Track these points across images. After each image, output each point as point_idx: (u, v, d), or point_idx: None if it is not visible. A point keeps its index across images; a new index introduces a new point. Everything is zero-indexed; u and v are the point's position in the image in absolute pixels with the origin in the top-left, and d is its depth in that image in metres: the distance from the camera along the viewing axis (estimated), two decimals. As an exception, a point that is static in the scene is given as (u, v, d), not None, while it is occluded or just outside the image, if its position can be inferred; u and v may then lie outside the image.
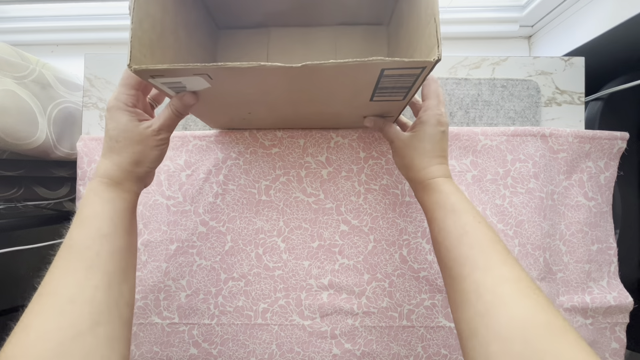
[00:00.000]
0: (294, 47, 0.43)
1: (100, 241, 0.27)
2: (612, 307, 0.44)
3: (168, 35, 0.31)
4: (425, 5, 0.27)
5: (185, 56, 0.34)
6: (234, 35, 0.43)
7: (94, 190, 0.30)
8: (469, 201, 0.31)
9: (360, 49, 0.43)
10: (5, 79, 0.44)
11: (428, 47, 0.26)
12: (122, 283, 0.28)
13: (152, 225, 0.45)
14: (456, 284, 0.27)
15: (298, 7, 0.38)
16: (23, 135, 0.45)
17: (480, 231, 0.28)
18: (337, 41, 0.43)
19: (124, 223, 0.30)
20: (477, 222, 0.29)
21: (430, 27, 0.25)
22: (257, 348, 0.44)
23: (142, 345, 0.44)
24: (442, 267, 0.30)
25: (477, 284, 0.25)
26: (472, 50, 0.66)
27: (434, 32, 0.24)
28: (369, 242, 0.44)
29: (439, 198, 0.32)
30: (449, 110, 0.47)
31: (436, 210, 0.32)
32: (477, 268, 0.26)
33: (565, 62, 0.47)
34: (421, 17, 0.28)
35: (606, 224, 0.45)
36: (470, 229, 0.29)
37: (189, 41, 0.35)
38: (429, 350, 0.43)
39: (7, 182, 0.54)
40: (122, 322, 0.26)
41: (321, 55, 0.43)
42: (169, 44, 0.31)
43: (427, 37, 0.26)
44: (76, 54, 0.66)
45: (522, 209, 0.44)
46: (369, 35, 0.43)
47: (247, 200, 0.45)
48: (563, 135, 0.44)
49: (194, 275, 0.45)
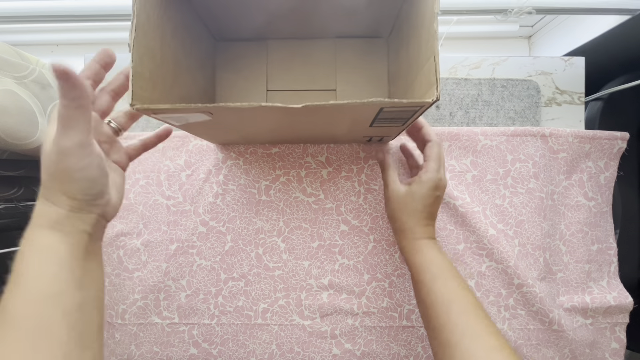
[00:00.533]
0: (293, 60, 0.43)
1: (43, 305, 0.21)
2: (612, 307, 0.44)
3: (168, 62, 0.31)
4: (426, 35, 0.27)
5: (185, 77, 0.34)
6: (233, 48, 0.43)
7: (28, 239, 0.23)
8: (452, 266, 0.34)
9: (360, 62, 0.43)
10: (5, 79, 0.44)
11: (428, 82, 0.26)
12: (83, 351, 0.22)
13: (152, 225, 0.45)
14: (446, 350, 0.29)
15: (296, 20, 0.38)
16: (23, 135, 0.45)
17: (466, 298, 0.31)
18: (337, 54, 0.43)
19: (75, 275, 0.23)
20: (462, 288, 0.31)
21: (429, 63, 0.26)
22: (257, 348, 0.44)
23: (142, 345, 0.44)
24: (429, 329, 0.32)
25: (468, 353, 0.27)
26: (472, 50, 0.66)
27: (433, 71, 0.25)
28: (369, 242, 0.44)
29: (424, 261, 0.34)
30: (449, 111, 0.47)
31: (421, 273, 0.34)
32: (465, 336, 0.28)
33: (565, 62, 0.47)
34: (421, 43, 0.28)
35: (606, 224, 0.45)
36: (457, 297, 0.31)
37: (188, 61, 0.35)
38: (429, 350, 0.43)
39: (7, 182, 0.54)
40: None
41: (321, 68, 0.43)
42: (168, 70, 0.31)
43: (426, 70, 0.27)
44: (76, 54, 0.67)
45: (522, 209, 0.44)
46: (368, 47, 0.43)
47: (247, 200, 0.45)
48: (563, 135, 0.44)
49: (194, 275, 0.44)
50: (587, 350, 0.43)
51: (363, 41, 0.42)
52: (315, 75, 0.43)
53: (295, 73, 0.43)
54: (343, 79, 0.43)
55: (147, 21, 0.27)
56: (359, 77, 0.43)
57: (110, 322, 0.45)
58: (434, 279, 0.32)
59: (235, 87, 0.43)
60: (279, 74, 0.43)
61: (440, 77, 0.47)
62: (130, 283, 0.44)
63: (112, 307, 0.45)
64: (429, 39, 0.26)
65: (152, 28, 0.28)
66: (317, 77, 0.43)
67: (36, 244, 0.23)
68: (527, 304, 0.43)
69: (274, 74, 0.43)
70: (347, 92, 0.43)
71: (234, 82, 0.43)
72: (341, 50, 0.43)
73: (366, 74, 0.43)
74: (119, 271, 0.44)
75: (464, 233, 0.44)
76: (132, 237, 0.45)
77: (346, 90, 0.43)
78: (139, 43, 0.26)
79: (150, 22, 0.27)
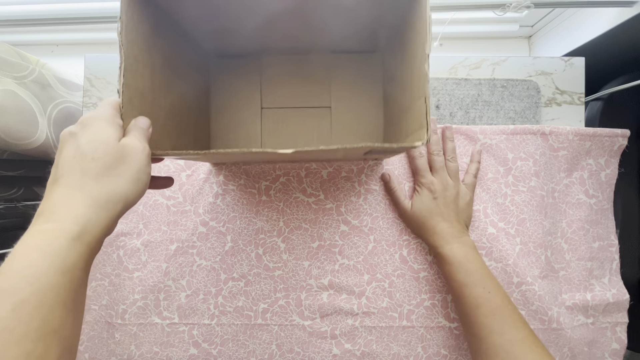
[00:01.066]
0: (287, 76, 0.43)
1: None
2: (611, 304, 0.44)
3: (159, 95, 0.30)
4: (417, 73, 0.27)
5: (177, 105, 0.34)
6: (226, 64, 0.43)
7: (38, 238, 0.19)
8: (477, 269, 0.37)
9: (354, 78, 0.43)
10: (6, 79, 0.44)
11: (419, 122, 0.26)
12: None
13: (152, 225, 0.45)
14: (476, 342, 0.35)
15: (290, 35, 0.37)
16: (23, 135, 0.45)
17: (491, 302, 0.35)
18: (331, 69, 0.42)
19: (76, 297, 0.19)
20: (487, 292, 0.35)
21: (420, 103, 0.26)
22: (257, 348, 0.44)
23: (142, 345, 0.44)
24: (462, 322, 0.38)
25: (494, 345, 0.33)
26: (472, 50, 0.66)
27: (424, 112, 0.25)
28: (369, 242, 0.44)
29: (450, 270, 0.38)
30: (449, 111, 0.47)
31: (449, 282, 0.38)
32: (492, 333, 0.34)
33: (565, 62, 0.47)
34: (414, 81, 0.28)
35: (607, 221, 0.45)
36: (483, 301, 0.35)
37: (180, 86, 0.35)
38: (429, 350, 0.43)
39: (7, 182, 0.54)
40: None
41: (315, 84, 0.43)
42: (160, 105, 0.31)
43: (418, 108, 0.27)
44: (76, 54, 0.67)
45: (523, 207, 0.44)
46: (363, 62, 0.42)
47: (247, 200, 0.45)
48: (563, 133, 0.44)
49: (194, 275, 0.44)
50: (585, 348, 0.43)
51: (357, 56, 0.42)
52: (310, 91, 0.43)
53: (290, 89, 0.43)
54: (338, 95, 0.43)
55: (135, 62, 0.27)
56: (353, 94, 0.43)
57: (110, 322, 0.44)
58: (462, 286, 0.36)
59: (229, 105, 0.43)
60: (273, 90, 0.43)
61: (440, 77, 0.47)
62: (130, 283, 0.44)
63: (112, 307, 0.45)
64: (420, 78, 0.26)
65: (141, 67, 0.28)
66: (312, 94, 0.43)
67: (49, 251, 0.19)
68: (527, 303, 0.43)
69: (268, 90, 0.43)
70: (341, 109, 0.43)
71: (228, 100, 0.43)
72: (336, 65, 0.42)
73: (361, 90, 0.43)
74: (119, 271, 0.44)
75: (464, 233, 0.44)
76: (132, 237, 0.45)
77: (340, 107, 0.43)
78: (129, 86, 0.26)
79: (139, 62, 0.27)
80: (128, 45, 0.26)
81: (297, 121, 0.43)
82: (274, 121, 0.43)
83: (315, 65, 0.42)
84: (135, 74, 0.27)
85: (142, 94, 0.28)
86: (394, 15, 0.32)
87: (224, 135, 0.43)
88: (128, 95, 0.26)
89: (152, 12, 0.29)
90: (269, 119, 0.43)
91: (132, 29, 0.26)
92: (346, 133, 0.43)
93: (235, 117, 0.43)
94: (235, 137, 0.43)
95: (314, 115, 0.43)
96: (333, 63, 0.42)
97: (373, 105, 0.43)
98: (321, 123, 0.43)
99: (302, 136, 0.43)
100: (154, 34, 0.29)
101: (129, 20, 0.26)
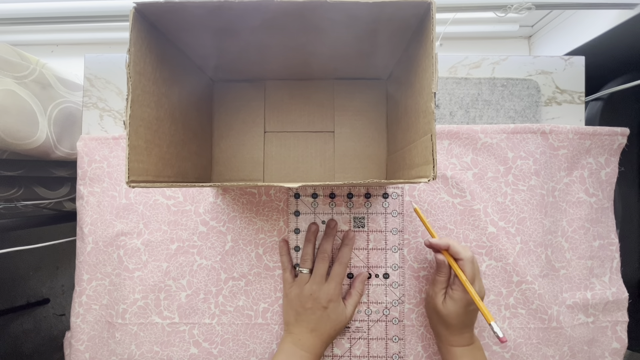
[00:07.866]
0: (291, 101, 0.43)
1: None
2: (610, 302, 0.44)
3: (163, 124, 0.30)
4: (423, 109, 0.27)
5: (182, 132, 0.34)
6: (230, 89, 0.43)
7: None
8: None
9: (358, 104, 0.43)
10: (6, 79, 0.44)
11: (425, 158, 0.26)
12: None
13: (153, 225, 0.45)
14: None
15: (294, 61, 0.37)
16: (23, 135, 0.45)
17: None
18: (335, 95, 0.43)
19: None
20: None
21: (426, 139, 0.26)
22: (257, 347, 0.44)
23: (143, 345, 0.44)
24: None
25: None
26: (472, 50, 0.66)
27: (430, 149, 0.25)
28: (369, 241, 0.44)
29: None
30: (449, 110, 0.47)
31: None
32: None
33: (566, 62, 0.47)
34: (419, 116, 0.28)
35: (607, 219, 0.46)
36: None
37: (184, 113, 0.34)
38: (429, 349, 0.43)
39: (7, 182, 0.54)
40: None
41: (319, 109, 0.43)
42: (165, 132, 0.31)
43: (423, 145, 0.26)
44: (76, 54, 0.67)
45: (523, 206, 0.44)
46: (367, 88, 0.42)
47: (247, 200, 0.45)
48: (563, 132, 0.44)
49: (194, 274, 0.44)
50: (585, 347, 0.43)
51: (362, 82, 0.42)
52: (313, 116, 0.43)
53: (293, 114, 0.43)
54: (341, 121, 0.43)
55: (142, 93, 0.27)
56: (357, 119, 0.43)
57: (111, 322, 0.44)
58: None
59: (232, 128, 0.43)
60: (276, 115, 0.43)
61: (440, 77, 0.47)
62: (130, 283, 0.44)
63: (112, 306, 0.45)
64: (427, 115, 0.26)
65: (147, 97, 0.28)
66: (315, 119, 0.43)
67: None
68: (527, 302, 0.43)
69: (272, 115, 0.43)
70: (345, 134, 0.43)
71: (232, 124, 0.43)
72: (339, 91, 0.43)
73: (364, 116, 0.43)
74: (119, 271, 0.44)
75: (463, 232, 0.44)
76: (132, 237, 0.45)
77: (344, 132, 0.43)
78: (135, 117, 0.26)
79: (145, 93, 0.27)
80: (136, 77, 0.26)
81: (300, 145, 0.43)
82: (277, 145, 0.43)
83: (319, 90, 0.43)
84: (141, 104, 0.27)
85: (147, 124, 0.28)
86: (399, 48, 0.33)
87: (227, 159, 0.43)
88: (134, 127, 0.26)
89: (160, 42, 0.29)
90: (272, 143, 0.43)
91: (140, 60, 0.26)
92: (349, 158, 0.43)
93: (239, 141, 0.43)
94: (238, 162, 0.43)
95: (317, 140, 0.43)
96: (337, 88, 0.43)
97: (377, 131, 0.43)
98: (324, 148, 0.43)
99: (305, 160, 0.43)
100: (160, 63, 0.29)
101: (137, 52, 0.26)
